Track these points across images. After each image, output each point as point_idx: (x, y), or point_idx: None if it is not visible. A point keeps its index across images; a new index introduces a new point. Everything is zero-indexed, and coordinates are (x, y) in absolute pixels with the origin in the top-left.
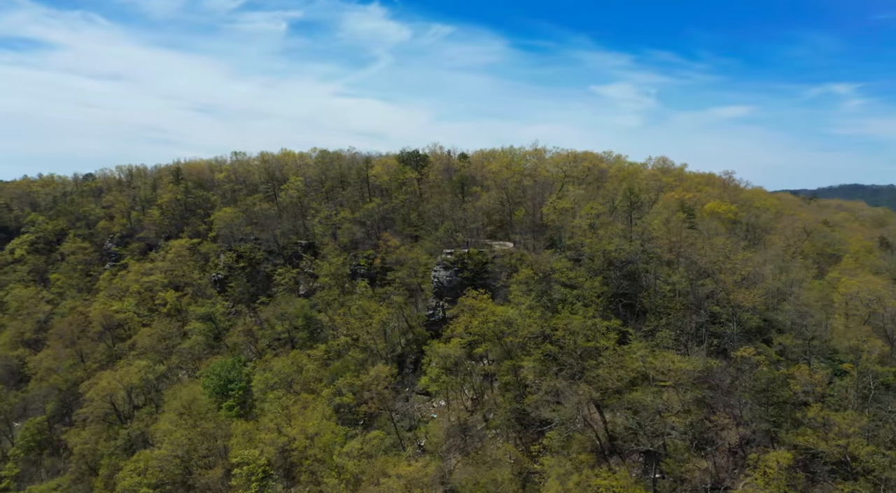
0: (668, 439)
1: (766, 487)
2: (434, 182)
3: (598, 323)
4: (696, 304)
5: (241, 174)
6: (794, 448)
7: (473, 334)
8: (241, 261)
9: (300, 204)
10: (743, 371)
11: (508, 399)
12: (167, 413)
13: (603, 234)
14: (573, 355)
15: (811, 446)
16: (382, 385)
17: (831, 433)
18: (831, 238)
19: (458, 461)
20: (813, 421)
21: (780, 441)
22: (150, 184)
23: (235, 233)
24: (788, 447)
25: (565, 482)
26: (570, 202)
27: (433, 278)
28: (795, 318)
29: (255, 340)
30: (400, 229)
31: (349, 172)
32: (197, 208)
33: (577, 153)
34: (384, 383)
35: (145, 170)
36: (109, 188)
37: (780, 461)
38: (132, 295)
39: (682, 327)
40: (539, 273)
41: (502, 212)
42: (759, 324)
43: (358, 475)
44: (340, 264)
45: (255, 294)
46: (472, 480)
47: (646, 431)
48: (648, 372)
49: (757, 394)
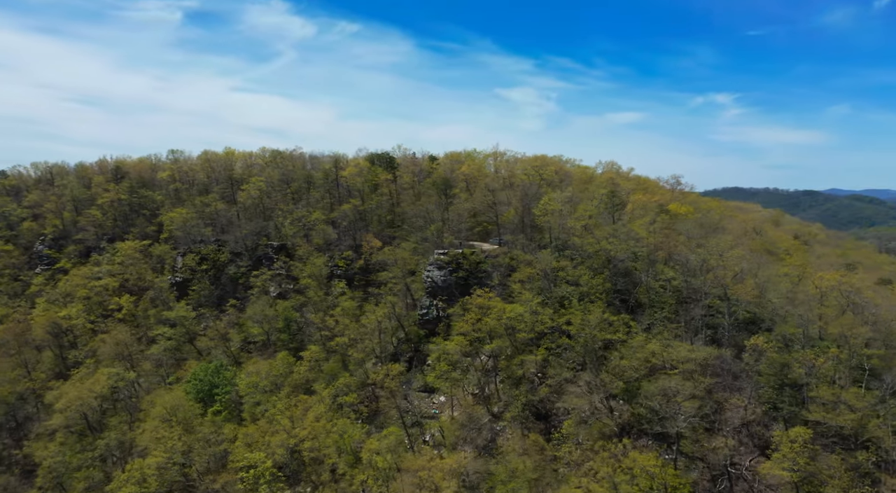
0: (683, 421)
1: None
2: (409, 184)
3: (610, 318)
4: (691, 298)
5: (188, 174)
6: (804, 424)
7: (481, 332)
8: (205, 263)
9: (262, 205)
10: (752, 358)
11: (522, 392)
12: (150, 420)
13: (600, 234)
14: (589, 348)
15: (828, 420)
16: (395, 383)
17: (838, 409)
18: (770, 236)
19: (476, 454)
20: (820, 399)
21: (793, 419)
22: (76, 183)
23: (193, 234)
24: (799, 423)
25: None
26: (559, 204)
27: (426, 278)
28: (780, 309)
29: (228, 344)
30: (375, 231)
31: (316, 174)
32: (142, 209)
33: (545, 157)
34: (396, 380)
35: (66, 168)
36: (28, 187)
37: (803, 436)
38: (80, 301)
39: (678, 320)
40: (541, 272)
41: (487, 213)
42: (750, 316)
43: (387, 469)
44: (321, 265)
45: (221, 297)
46: (504, 469)
47: (661, 415)
48: (665, 362)
49: (770, 377)
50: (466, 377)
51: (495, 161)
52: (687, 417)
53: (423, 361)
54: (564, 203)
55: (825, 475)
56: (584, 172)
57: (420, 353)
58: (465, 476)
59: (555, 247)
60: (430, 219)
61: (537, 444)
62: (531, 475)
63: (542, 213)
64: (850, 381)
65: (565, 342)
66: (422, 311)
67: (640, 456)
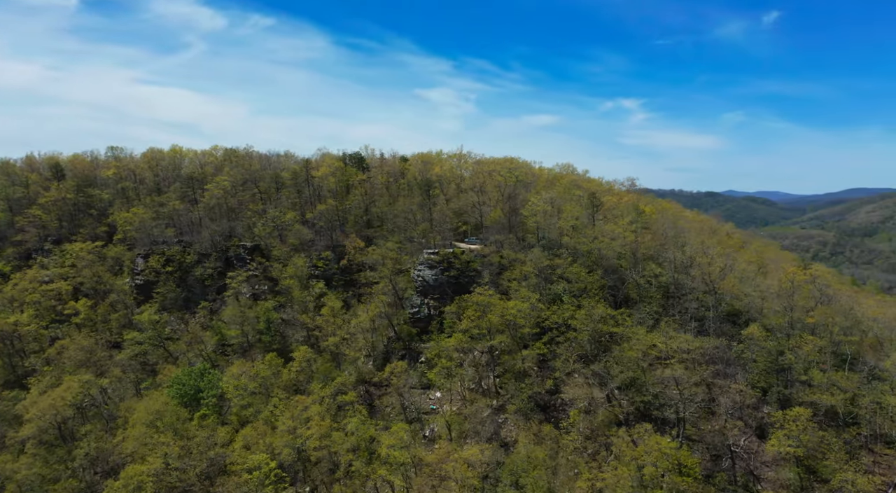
0: (690, 407)
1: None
2: (383, 185)
3: (611, 312)
4: (677, 293)
5: (135, 172)
6: (797, 406)
7: (481, 328)
8: (170, 265)
9: (226, 205)
10: (745, 346)
11: (528, 384)
12: (135, 427)
13: (590, 234)
14: (594, 340)
15: (822, 401)
16: (401, 380)
17: (829, 390)
18: (721, 236)
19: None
20: (811, 381)
21: (786, 401)
22: (5, 181)
23: (154, 235)
24: (792, 404)
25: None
26: (547, 206)
27: (416, 277)
28: (755, 302)
29: (202, 347)
30: (352, 231)
31: (284, 173)
32: (89, 209)
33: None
34: (402, 377)
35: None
36: None
37: (804, 414)
38: (29, 306)
39: (672, 314)
40: (536, 270)
41: (472, 214)
42: (731, 308)
43: (406, 464)
44: (303, 265)
45: (188, 300)
46: (524, 457)
47: (663, 402)
48: (668, 353)
49: (764, 363)
50: (462, 372)
51: (459, 162)
52: (693, 402)
53: (415, 358)
54: (548, 204)
55: (825, 448)
56: (547, 174)
57: (411, 351)
58: (484, 467)
59: (542, 246)
60: (415, 219)
61: (550, 434)
62: (550, 463)
63: (531, 214)
64: (831, 365)
65: (573, 336)
66: (412, 309)
67: (660, 439)
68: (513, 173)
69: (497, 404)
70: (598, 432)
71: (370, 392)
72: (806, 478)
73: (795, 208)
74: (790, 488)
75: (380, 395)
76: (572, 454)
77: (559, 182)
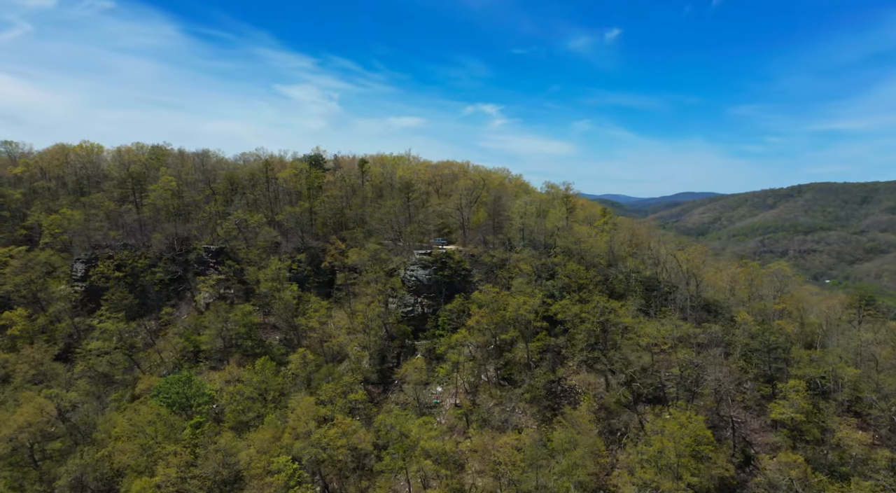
0: (699, 385)
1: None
2: (351, 186)
3: (615, 304)
4: (656, 286)
5: (47, 170)
6: (787, 379)
7: (490, 324)
8: (124, 269)
9: (174, 206)
10: (735, 329)
11: (543, 372)
12: (128, 439)
13: (570, 235)
14: (606, 329)
15: (811, 374)
16: (420, 376)
17: (812, 364)
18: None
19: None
20: (796, 359)
21: (776, 376)
22: None
23: (96, 239)
24: (783, 379)
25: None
26: (531, 207)
27: (409, 277)
28: (721, 294)
29: (176, 353)
30: (321, 232)
31: (239, 174)
32: (1, 210)
33: (451, 162)
34: (422, 372)
35: None
36: None
37: (800, 386)
38: None
39: (666, 305)
40: (535, 267)
41: (455, 216)
42: (704, 300)
43: (450, 454)
44: (284, 268)
45: (143, 306)
46: (567, 437)
47: (662, 382)
48: (673, 339)
49: (758, 344)
50: (470, 365)
51: (401, 166)
52: (704, 381)
53: (411, 354)
54: (533, 206)
55: (821, 414)
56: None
57: (405, 348)
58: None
59: (525, 246)
60: (398, 221)
61: (571, 417)
62: (591, 441)
63: (521, 215)
64: (803, 345)
65: (586, 328)
66: (406, 308)
67: (687, 413)
68: (483, 178)
69: (501, 395)
70: (612, 414)
71: (369, 391)
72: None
73: (639, 210)
74: (781, 448)
75: (378, 393)
76: (598, 435)
77: (510, 185)
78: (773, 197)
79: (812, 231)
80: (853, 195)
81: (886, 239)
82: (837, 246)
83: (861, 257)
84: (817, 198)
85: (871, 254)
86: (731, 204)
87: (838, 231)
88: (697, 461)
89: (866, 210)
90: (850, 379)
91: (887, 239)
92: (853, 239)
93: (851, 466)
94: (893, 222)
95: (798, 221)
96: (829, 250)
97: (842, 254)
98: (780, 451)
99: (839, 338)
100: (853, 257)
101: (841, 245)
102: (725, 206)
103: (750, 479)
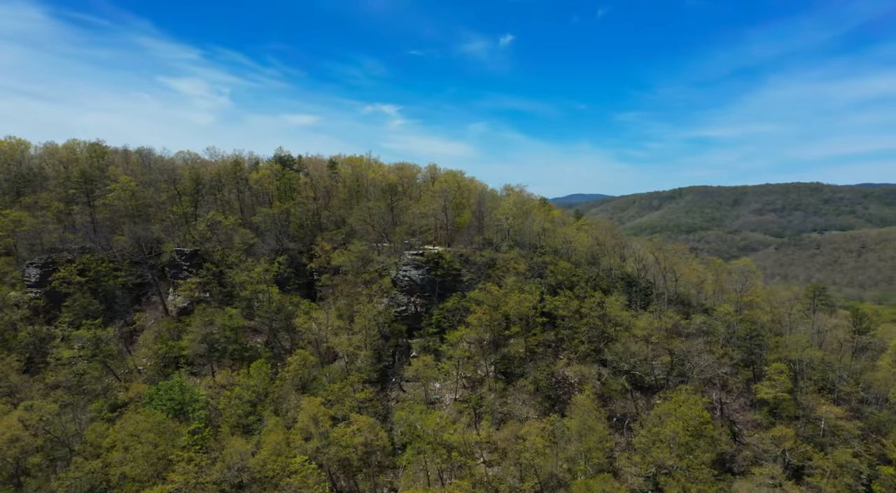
0: (694, 372)
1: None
2: (326, 188)
3: (610, 299)
4: (635, 282)
5: None
6: (766, 364)
7: (489, 321)
8: (87, 274)
9: (133, 207)
10: (717, 321)
11: (544, 365)
12: (116, 451)
13: (567, 233)
14: (607, 323)
15: (792, 356)
16: (432, 372)
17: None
18: None
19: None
20: (776, 343)
21: (757, 361)
22: None
23: (51, 242)
24: (764, 363)
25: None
26: (519, 210)
27: (403, 277)
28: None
29: (158, 360)
30: (297, 235)
31: (205, 174)
32: None
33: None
34: (434, 369)
35: None
36: None
37: (784, 368)
38: None
39: (650, 300)
40: (528, 266)
41: (439, 217)
42: (677, 296)
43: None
44: (271, 270)
45: (109, 310)
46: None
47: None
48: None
49: (743, 332)
50: (473, 361)
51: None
52: (696, 367)
53: (406, 354)
54: (518, 208)
55: (801, 392)
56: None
57: (400, 347)
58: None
59: (509, 246)
60: (384, 222)
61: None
62: (601, 426)
63: (507, 216)
64: (773, 333)
65: (588, 321)
66: (400, 308)
67: (693, 396)
68: (456, 179)
69: (501, 388)
70: (609, 402)
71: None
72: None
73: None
74: (761, 425)
75: (376, 391)
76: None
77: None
78: (657, 198)
79: (693, 231)
80: (726, 198)
81: (756, 238)
82: (716, 244)
83: (736, 254)
84: (696, 200)
85: (744, 252)
86: (621, 205)
87: (715, 230)
88: (702, 438)
89: (738, 211)
90: (817, 361)
91: (756, 238)
92: (728, 238)
93: (828, 437)
94: (761, 222)
95: (680, 221)
96: (709, 249)
97: (720, 252)
98: (760, 428)
99: (800, 326)
100: (729, 254)
101: (719, 243)
102: (616, 207)
103: (737, 454)
